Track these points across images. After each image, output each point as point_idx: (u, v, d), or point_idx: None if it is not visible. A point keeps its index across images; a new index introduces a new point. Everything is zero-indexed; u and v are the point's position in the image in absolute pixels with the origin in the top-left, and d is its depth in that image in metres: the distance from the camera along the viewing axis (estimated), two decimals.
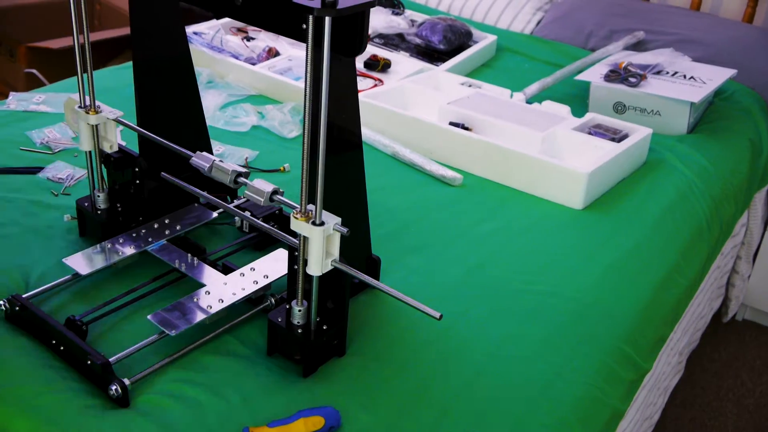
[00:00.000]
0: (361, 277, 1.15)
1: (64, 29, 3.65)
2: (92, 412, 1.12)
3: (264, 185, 1.17)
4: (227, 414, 1.12)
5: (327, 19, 1.01)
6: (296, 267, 1.23)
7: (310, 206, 1.14)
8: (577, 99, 2.33)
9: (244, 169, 1.23)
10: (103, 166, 1.45)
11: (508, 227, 1.67)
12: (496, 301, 1.42)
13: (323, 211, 1.12)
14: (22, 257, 1.41)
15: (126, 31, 3.58)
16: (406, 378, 1.22)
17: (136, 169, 1.43)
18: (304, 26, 1.08)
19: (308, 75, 1.08)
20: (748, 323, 2.64)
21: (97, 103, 1.39)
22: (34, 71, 3.29)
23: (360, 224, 1.34)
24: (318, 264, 1.14)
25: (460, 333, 1.33)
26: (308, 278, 1.22)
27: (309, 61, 1.06)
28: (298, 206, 1.13)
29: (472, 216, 1.71)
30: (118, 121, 1.40)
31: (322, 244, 1.13)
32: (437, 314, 1.09)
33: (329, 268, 1.16)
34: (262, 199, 1.16)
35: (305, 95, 1.09)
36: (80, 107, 1.38)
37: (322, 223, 1.12)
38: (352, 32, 1.05)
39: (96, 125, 1.40)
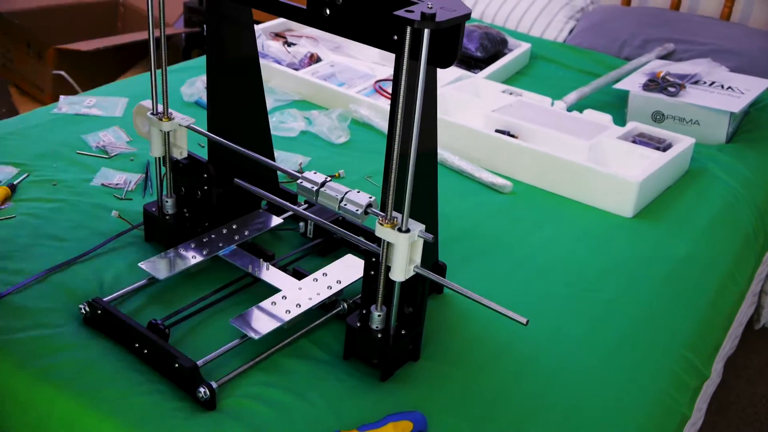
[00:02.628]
0: (445, 283, 1.17)
1: (92, 31, 3.67)
2: (180, 414, 1.13)
3: (361, 197, 1.18)
4: (314, 418, 1.14)
5: (426, 32, 1.03)
6: (374, 273, 1.25)
7: (395, 213, 1.15)
8: (612, 107, 2.35)
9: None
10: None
11: (562, 234, 1.69)
12: (561, 308, 1.44)
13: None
14: (93, 261, 1.43)
15: (146, 35, 3.60)
16: (484, 383, 1.25)
17: (205, 175, 1.44)
18: (396, 37, 1.11)
19: (402, 85, 1.10)
20: None
21: (170, 110, 1.41)
22: (63, 73, 3.31)
23: (432, 230, 1.36)
24: (402, 270, 1.16)
25: (532, 339, 1.35)
26: (387, 284, 1.24)
27: (404, 71, 1.08)
28: (384, 213, 1.15)
29: (525, 223, 1.73)
30: (190, 128, 1.41)
31: (407, 250, 1.15)
32: (524, 320, 1.11)
33: (411, 274, 1.18)
34: (360, 211, 1.18)
35: (397, 104, 1.11)
36: (153, 114, 1.40)
37: (407, 230, 1.14)
38: (447, 44, 1.06)
39: (168, 132, 1.42)
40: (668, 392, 1.30)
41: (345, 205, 1.19)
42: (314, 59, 2.35)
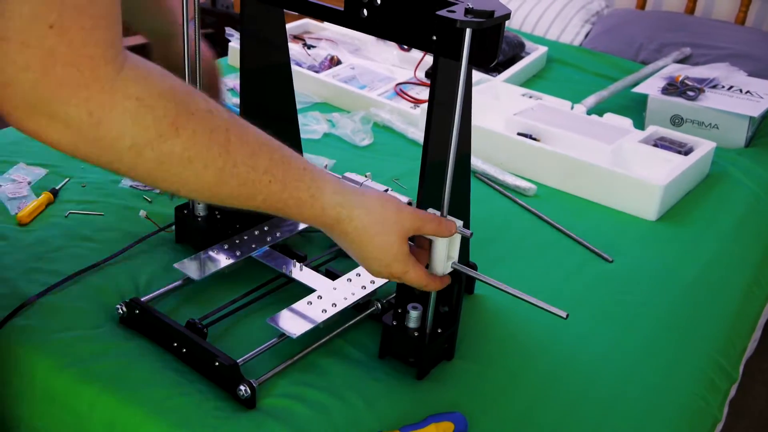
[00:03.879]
0: (483, 278, 1.18)
1: None
2: (221, 414, 1.14)
3: (400, 198, 1.20)
4: (354, 418, 1.15)
5: (468, 31, 1.04)
6: None
7: (431, 210, 1.16)
8: (629, 111, 2.35)
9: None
10: None
11: (587, 237, 1.70)
12: (592, 311, 1.45)
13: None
14: (126, 263, 1.44)
15: None
16: (520, 384, 1.25)
17: None
18: (435, 37, 1.11)
19: (437, 84, 1.11)
20: None
21: None
22: None
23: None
24: (441, 265, 1.16)
25: (565, 341, 1.36)
26: None
27: (439, 71, 1.09)
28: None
29: (548, 227, 1.74)
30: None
31: (446, 246, 1.15)
32: (564, 314, 1.12)
33: (450, 270, 1.18)
34: None
35: (434, 103, 1.12)
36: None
37: None
38: (488, 43, 1.07)
39: None
40: (701, 395, 1.31)
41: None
42: (334, 62, 2.36)
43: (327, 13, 1.23)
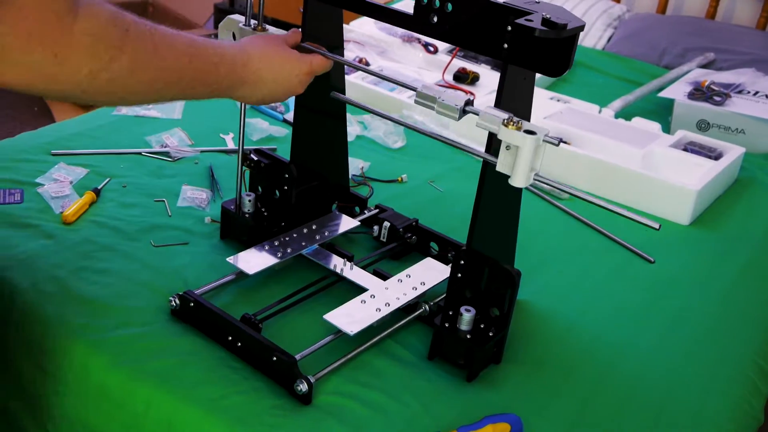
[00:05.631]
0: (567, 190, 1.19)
1: None
2: (279, 412, 1.15)
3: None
4: (411, 418, 1.16)
5: (543, 41, 1.06)
6: (461, 275, 1.27)
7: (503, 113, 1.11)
8: (655, 115, 2.37)
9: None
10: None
11: (624, 240, 1.71)
12: (634, 314, 1.47)
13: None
14: (172, 260, 1.45)
15: None
16: (570, 387, 1.27)
17: (286, 176, 1.47)
18: (506, 45, 1.13)
19: (505, 91, 1.13)
20: None
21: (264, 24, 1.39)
22: None
23: (512, 233, 1.38)
24: (524, 175, 1.12)
25: (610, 344, 1.38)
26: (475, 286, 1.27)
27: (507, 79, 1.10)
28: (505, 114, 1.10)
29: (585, 230, 1.75)
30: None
31: (531, 153, 1.11)
32: (656, 225, 1.17)
33: (531, 181, 1.14)
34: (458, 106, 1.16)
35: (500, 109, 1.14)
36: (245, 25, 1.38)
37: (533, 132, 1.10)
38: (561, 53, 1.08)
39: None
40: (746, 398, 1.33)
41: (443, 100, 1.17)
42: (363, 64, 2.37)
43: (396, 17, 1.24)
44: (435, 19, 1.19)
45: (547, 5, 1.14)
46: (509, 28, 1.12)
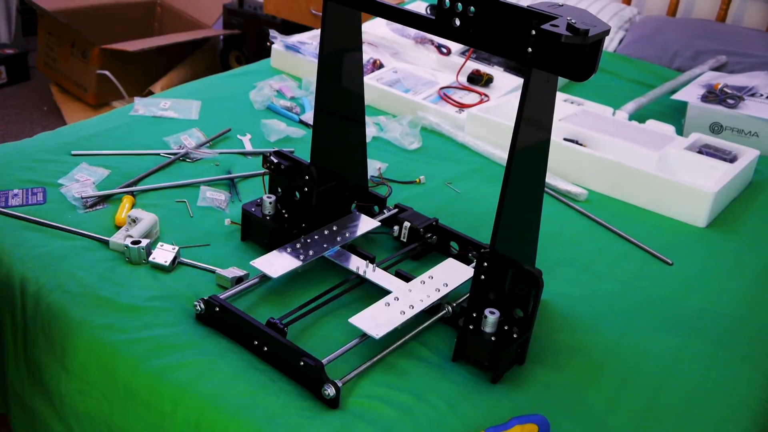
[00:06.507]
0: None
1: (129, 31, 3.69)
2: (308, 414, 1.16)
3: None
4: (439, 419, 1.16)
5: (568, 46, 1.06)
6: (485, 277, 1.28)
7: None
8: (667, 117, 2.38)
9: None
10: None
11: (641, 242, 1.72)
12: (655, 315, 1.47)
13: None
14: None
15: (189, 36, 3.62)
16: (595, 388, 1.28)
17: (306, 177, 1.47)
18: (530, 50, 1.13)
19: (528, 96, 1.13)
20: None
21: None
22: (107, 73, 3.34)
23: (534, 235, 1.38)
24: None
25: (633, 345, 1.38)
26: (498, 288, 1.27)
27: (531, 83, 1.11)
28: None
29: (602, 231, 1.76)
30: None
31: None
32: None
33: None
34: None
35: (524, 113, 1.14)
36: None
37: None
38: (587, 58, 1.09)
39: None
40: (767, 399, 1.33)
41: None
42: (377, 65, 2.38)
43: (417, 20, 1.25)
44: (457, 22, 1.19)
45: (571, 9, 1.15)
46: (533, 32, 1.13)
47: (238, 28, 3.74)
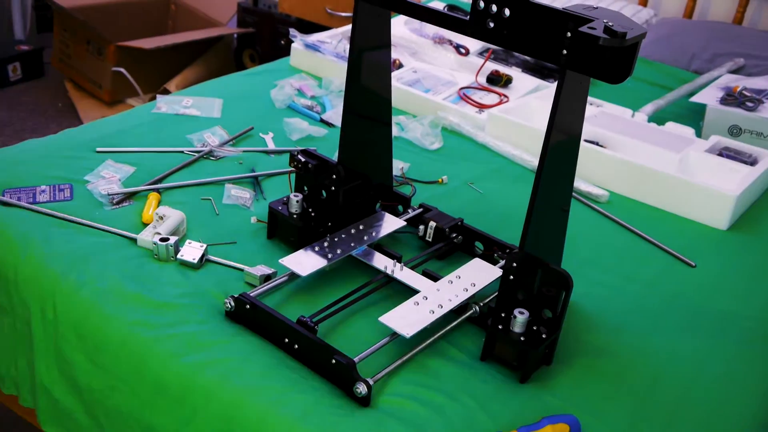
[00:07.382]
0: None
1: (143, 29, 3.70)
2: (340, 411, 1.16)
3: None
4: (471, 418, 1.17)
5: (606, 49, 1.07)
6: (513, 278, 1.29)
7: None
8: (685, 119, 2.37)
9: None
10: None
11: (663, 244, 1.72)
12: (680, 317, 1.48)
13: None
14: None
15: (204, 34, 3.63)
16: (624, 388, 1.28)
17: (334, 176, 1.48)
18: (565, 52, 1.14)
19: (562, 97, 1.14)
20: None
21: None
22: (123, 70, 3.35)
23: (561, 236, 1.38)
24: None
25: (659, 347, 1.38)
26: (527, 288, 1.28)
27: (565, 85, 1.12)
28: None
29: (624, 233, 1.76)
30: None
31: None
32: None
33: None
34: None
35: (557, 115, 1.15)
36: None
37: None
38: (623, 60, 1.09)
39: None
40: None
41: None
42: (397, 65, 2.38)
43: (452, 22, 1.25)
44: (491, 24, 1.20)
45: (606, 11, 1.15)
46: (569, 34, 1.13)
47: (252, 26, 3.75)
